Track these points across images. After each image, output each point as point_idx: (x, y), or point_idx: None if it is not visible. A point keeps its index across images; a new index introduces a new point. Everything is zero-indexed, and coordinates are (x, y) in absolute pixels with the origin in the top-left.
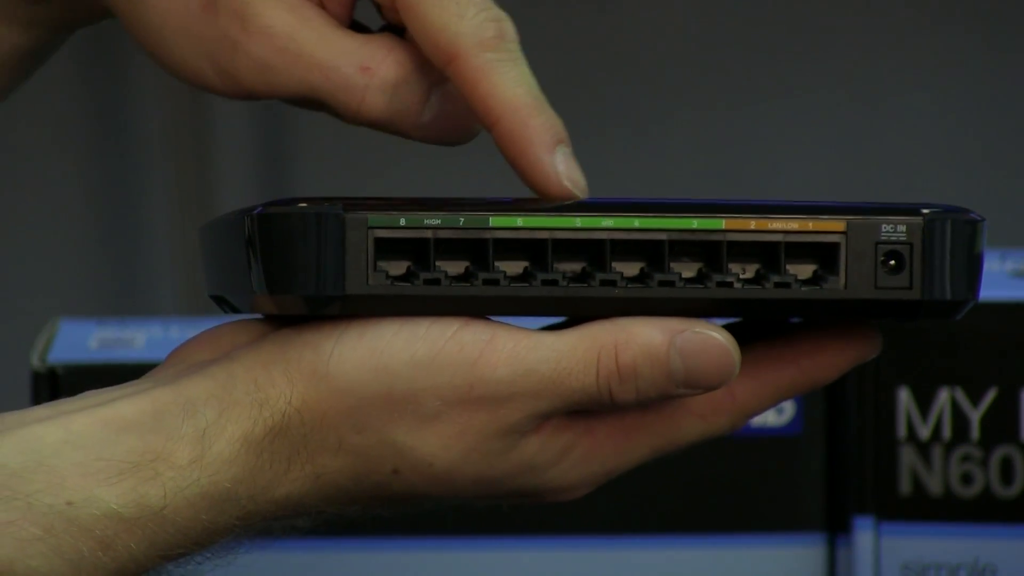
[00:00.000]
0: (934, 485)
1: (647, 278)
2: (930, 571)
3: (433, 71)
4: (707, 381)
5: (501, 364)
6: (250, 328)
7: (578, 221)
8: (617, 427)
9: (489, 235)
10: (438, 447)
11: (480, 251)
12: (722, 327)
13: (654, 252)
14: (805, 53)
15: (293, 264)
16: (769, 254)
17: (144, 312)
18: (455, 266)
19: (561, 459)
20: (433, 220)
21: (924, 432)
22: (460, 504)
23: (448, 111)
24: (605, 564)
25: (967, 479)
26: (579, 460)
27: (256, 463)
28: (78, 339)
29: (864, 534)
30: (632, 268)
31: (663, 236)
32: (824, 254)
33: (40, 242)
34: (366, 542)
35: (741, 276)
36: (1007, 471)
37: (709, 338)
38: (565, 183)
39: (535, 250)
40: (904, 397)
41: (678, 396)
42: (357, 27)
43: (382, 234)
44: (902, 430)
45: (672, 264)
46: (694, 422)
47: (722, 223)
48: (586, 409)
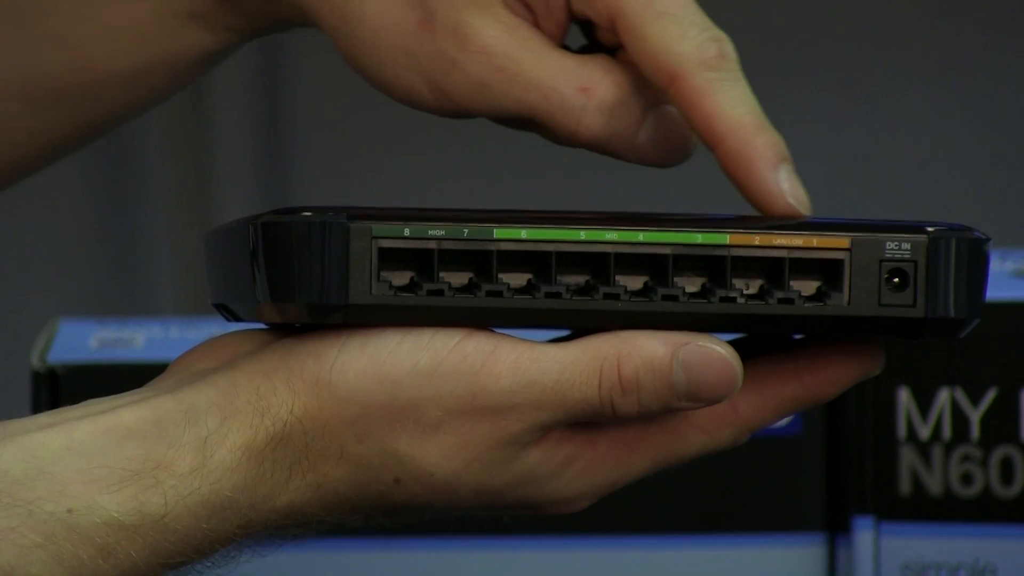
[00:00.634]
0: (934, 485)
1: (651, 292)
2: (930, 571)
3: (649, 92)
4: (710, 394)
5: (504, 375)
6: (253, 337)
7: (582, 234)
8: (619, 440)
9: (493, 247)
10: (440, 457)
11: (484, 262)
12: (725, 341)
13: (658, 266)
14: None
15: (297, 272)
16: (773, 270)
17: (144, 312)
18: (459, 277)
19: (563, 471)
20: (437, 231)
21: (924, 432)
22: (461, 515)
23: (662, 132)
24: (605, 564)
25: (967, 479)
26: (581, 472)
27: (257, 472)
28: (78, 339)
29: (864, 534)
30: (636, 282)
31: (667, 250)
32: (828, 271)
33: (40, 242)
34: (366, 542)
35: (745, 291)
36: (1007, 471)
37: (712, 351)
38: (790, 200)
39: (539, 262)
40: (904, 397)
41: (680, 409)
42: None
43: (386, 244)
44: (902, 430)
45: (676, 278)
46: (696, 436)
47: (727, 238)
48: (588, 421)
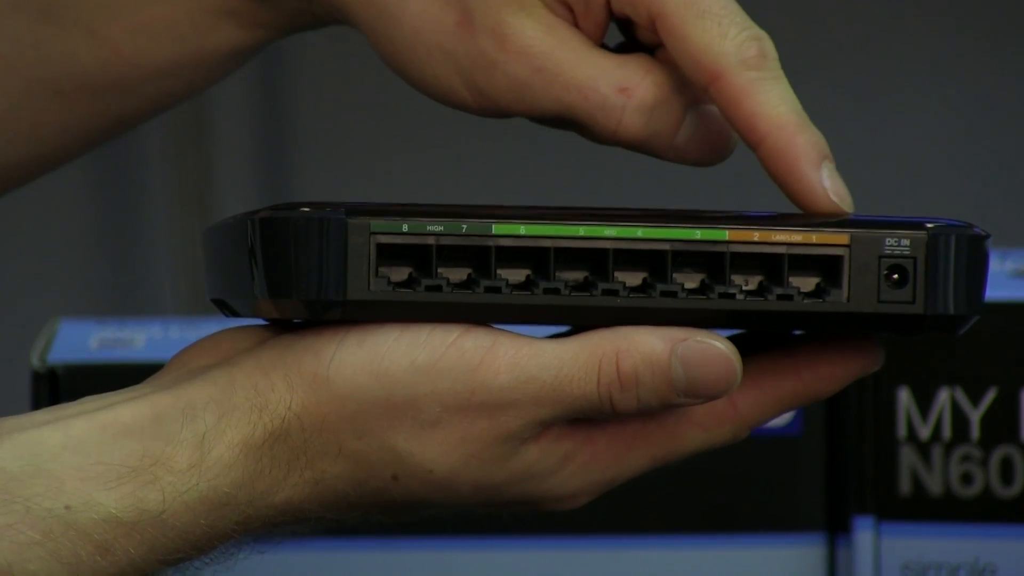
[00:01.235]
0: (934, 485)
1: (649, 288)
2: (930, 571)
3: (688, 92)
4: (708, 390)
5: (502, 371)
6: (251, 333)
7: (581, 230)
8: (618, 436)
9: (492, 242)
10: (438, 453)
11: (482, 258)
12: (725, 337)
13: (657, 262)
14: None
15: (295, 268)
16: (772, 266)
17: (144, 312)
18: (457, 273)
19: (561, 467)
20: (436, 227)
21: (924, 432)
22: (459, 512)
23: (702, 131)
24: (605, 564)
25: (967, 479)
26: (579, 468)
27: (255, 468)
28: (78, 339)
29: (864, 534)
30: (635, 278)
31: (666, 246)
32: (827, 267)
33: (40, 242)
34: (366, 542)
35: (744, 287)
36: (1007, 471)
37: (711, 347)
38: (832, 198)
39: (538, 258)
40: (904, 397)
41: (679, 405)
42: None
43: (384, 240)
44: (902, 430)
45: (675, 274)
46: (695, 432)
47: (725, 234)
48: (587, 417)
